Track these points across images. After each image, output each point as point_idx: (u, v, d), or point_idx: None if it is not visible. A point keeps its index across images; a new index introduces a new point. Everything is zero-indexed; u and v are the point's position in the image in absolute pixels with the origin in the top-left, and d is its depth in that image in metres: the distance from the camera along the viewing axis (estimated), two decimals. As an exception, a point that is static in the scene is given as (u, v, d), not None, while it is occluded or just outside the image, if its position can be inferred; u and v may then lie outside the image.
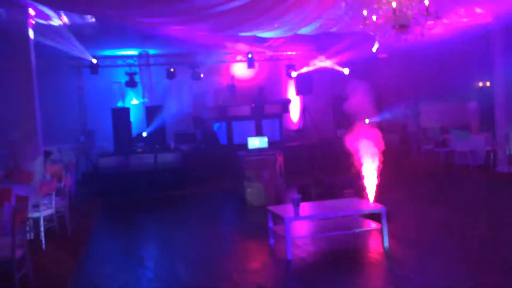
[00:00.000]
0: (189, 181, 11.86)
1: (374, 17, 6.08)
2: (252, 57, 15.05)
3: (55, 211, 7.28)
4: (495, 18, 10.60)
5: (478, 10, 9.02)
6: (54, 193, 7.26)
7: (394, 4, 5.78)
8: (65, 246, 7.02)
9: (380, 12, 5.97)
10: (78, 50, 11.79)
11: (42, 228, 6.78)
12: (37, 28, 9.02)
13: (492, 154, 11.95)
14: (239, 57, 15.59)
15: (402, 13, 5.82)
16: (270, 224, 6.41)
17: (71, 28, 9.96)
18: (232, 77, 15.58)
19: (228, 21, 8.27)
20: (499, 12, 10.00)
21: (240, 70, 15.84)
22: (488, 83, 13.84)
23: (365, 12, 6.19)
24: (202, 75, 15.01)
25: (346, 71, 15.42)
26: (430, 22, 5.82)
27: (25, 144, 8.79)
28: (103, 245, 7.33)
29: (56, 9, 8.38)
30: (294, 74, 15.89)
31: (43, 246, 6.73)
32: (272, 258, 6.03)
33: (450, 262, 5.43)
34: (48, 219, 7.16)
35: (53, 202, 7.23)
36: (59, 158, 12.18)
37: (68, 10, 8.38)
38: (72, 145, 13.56)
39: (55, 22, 9.44)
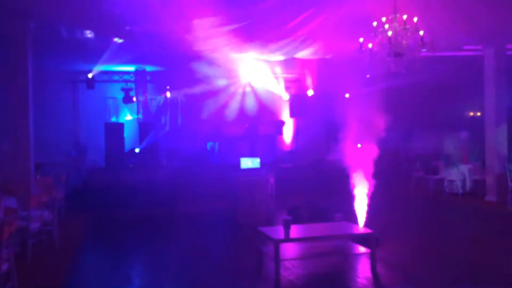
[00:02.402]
0: (180, 198, 11.80)
1: (370, 45, 6.22)
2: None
3: (43, 225, 7.21)
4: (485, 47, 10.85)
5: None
6: (43, 207, 7.20)
7: (390, 33, 5.93)
8: (52, 261, 6.93)
9: (376, 40, 6.11)
10: (76, 63, 11.85)
11: (29, 242, 6.70)
12: (36, 40, 9.07)
13: (481, 183, 12.09)
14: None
15: (398, 42, 5.97)
16: (260, 245, 6.39)
17: (70, 42, 10.02)
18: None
19: (225, 43, 8.41)
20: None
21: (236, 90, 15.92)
22: (478, 113, 14.07)
23: (361, 40, 6.33)
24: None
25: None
26: (424, 50, 5.97)
27: (16, 156, 8.76)
28: (90, 261, 7.25)
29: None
30: (286, 97, 16.02)
31: (29, 260, 6.65)
32: (260, 279, 6.00)
33: (438, 290, 5.45)
34: (36, 233, 7.08)
35: (42, 216, 7.17)
36: (49, 171, 12.10)
37: (71, 26, 8.45)
38: (64, 158, 13.48)
39: (56, 35, 9.50)
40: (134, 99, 14.56)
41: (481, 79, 11.97)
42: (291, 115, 16.34)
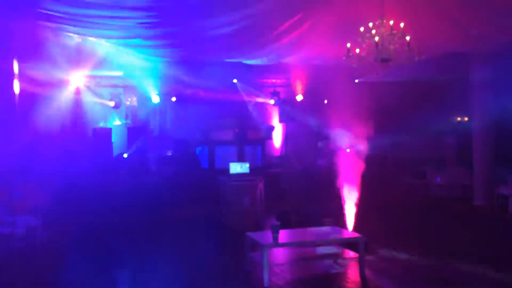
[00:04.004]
0: (169, 204, 11.71)
1: (357, 50, 6.25)
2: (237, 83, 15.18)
3: (28, 230, 7.11)
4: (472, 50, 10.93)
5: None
6: (28, 212, 7.11)
7: (376, 39, 5.96)
8: (37, 267, 6.83)
9: (363, 46, 6.15)
10: (64, 68, 11.74)
11: (14, 247, 6.60)
12: (24, 45, 8.97)
13: (468, 188, 12.18)
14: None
15: (385, 48, 6.01)
16: (248, 250, 6.37)
17: (58, 46, 9.96)
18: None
19: (217, 47, 8.41)
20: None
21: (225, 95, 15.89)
22: (466, 118, 14.20)
23: (348, 45, 6.36)
24: (174, 99, 14.85)
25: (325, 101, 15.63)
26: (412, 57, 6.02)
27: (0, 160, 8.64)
28: (76, 267, 7.14)
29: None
30: (274, 101, 16.02)
31: (15, 265, 6.54)
32: (249, 285, 5.96)
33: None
34: (21, 238, 6.98)
35: (27, 221, 7.07)
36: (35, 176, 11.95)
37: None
38: (50, 163, 13.31)
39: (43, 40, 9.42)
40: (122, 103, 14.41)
41: (468, 83, 12.09)
42: (281, 120, 16.36)
